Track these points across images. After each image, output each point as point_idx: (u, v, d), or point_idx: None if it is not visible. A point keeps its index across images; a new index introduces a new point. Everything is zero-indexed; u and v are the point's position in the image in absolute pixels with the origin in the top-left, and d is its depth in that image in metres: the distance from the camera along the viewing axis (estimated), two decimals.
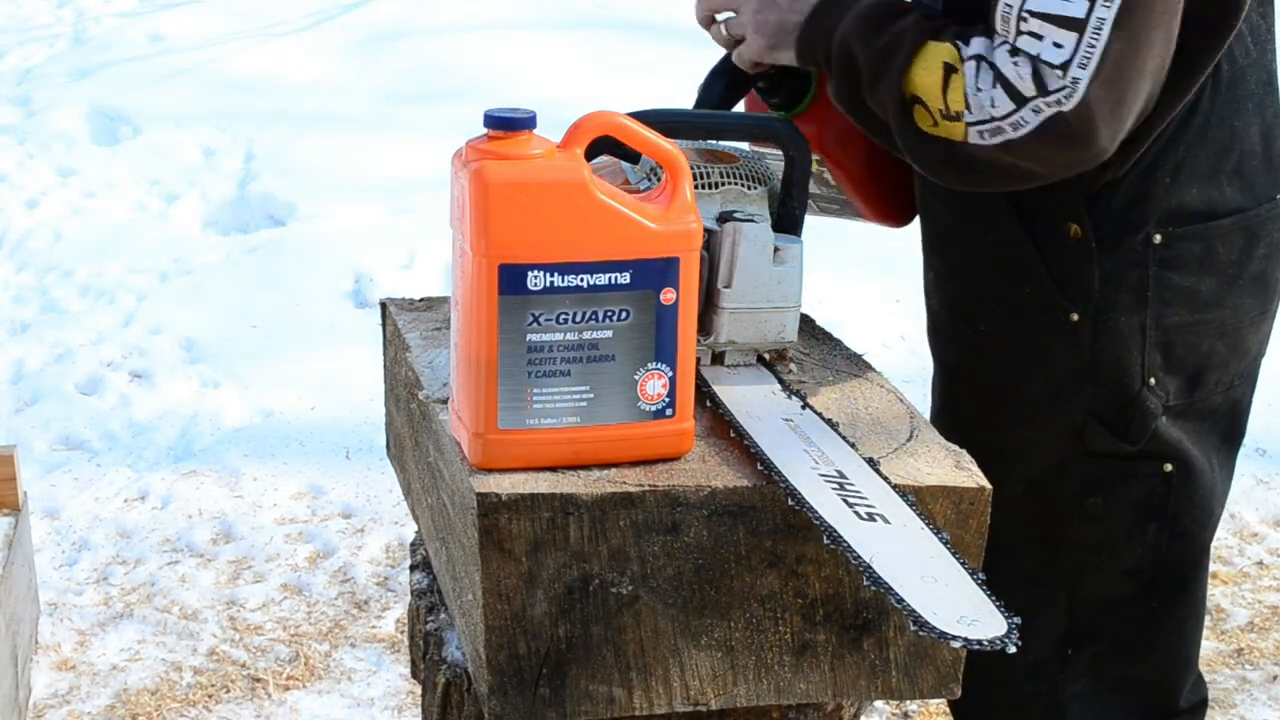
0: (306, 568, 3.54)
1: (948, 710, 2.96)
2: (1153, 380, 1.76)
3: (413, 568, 1.81)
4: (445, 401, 1.56)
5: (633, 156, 1.63)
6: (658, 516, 1.40)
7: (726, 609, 1.43)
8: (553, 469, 1.42)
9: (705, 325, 1.61)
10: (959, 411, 1.89)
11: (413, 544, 1.85)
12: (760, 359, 1.66)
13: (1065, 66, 1.50)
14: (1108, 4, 1.49)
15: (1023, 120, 1.53)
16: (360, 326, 4.58)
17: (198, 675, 3.12)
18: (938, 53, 1.58)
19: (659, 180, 1.50)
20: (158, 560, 3.54)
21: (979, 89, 1.55)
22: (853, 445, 1.49)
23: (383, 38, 7.36)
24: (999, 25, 1.55)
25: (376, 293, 4.82)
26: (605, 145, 1.48)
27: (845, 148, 1.81)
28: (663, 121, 1.53)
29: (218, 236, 5.47)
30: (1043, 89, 1.52)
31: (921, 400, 1.84)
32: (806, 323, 1.83)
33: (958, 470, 1.48)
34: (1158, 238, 1.71)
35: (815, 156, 1.78)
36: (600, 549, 1.39)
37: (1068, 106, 1.51)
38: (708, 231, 1.58)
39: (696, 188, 1.59)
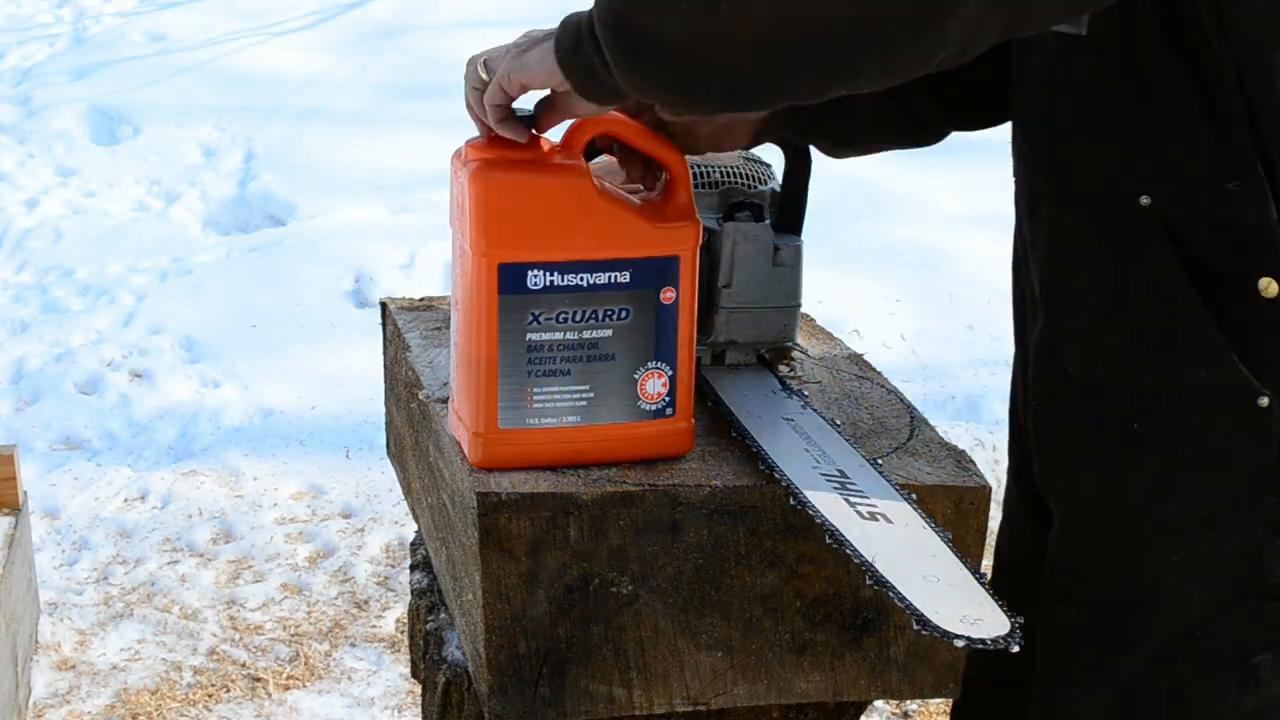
0: (306, 567, 3.54)
1: (948, 710, 2.96)
2: None
3: (413, 567, 1.81)
4: (445, 401, 1.56)
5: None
6: (658, 516, 1.39)
7: (726, 609, 1.43)
8: (553, 469, 1.42)
9: (705, 325, 1.61)
10: (1080, 544, 1.48)
11: (413, 544, 1.84)
12: (760, 359, 1.66)
13: None
14: None
15: None
16: (360, 326, 4.58)
17: (198, 675, 3.12)
18: None
19: (659, 180, 1.50)
20: (158, 560, 3.54)
21: None
22: (853, 445, 1.48)
23: (382, 36, 7.36)
24: None
25: (376, 292, 4.82)
26: (605, 145, 1.48)
27: None
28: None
29: (218, 236, 5.47)
30: None
31: (921, 400, 1.84)
32: (806, 323, 1.83)
33: (958, 469, 1.48)
34: None
35: None
36: (600, 549, 1.39)
37: None
38: (708, 231, 1.58)
39: (696, 187, 1.59)
